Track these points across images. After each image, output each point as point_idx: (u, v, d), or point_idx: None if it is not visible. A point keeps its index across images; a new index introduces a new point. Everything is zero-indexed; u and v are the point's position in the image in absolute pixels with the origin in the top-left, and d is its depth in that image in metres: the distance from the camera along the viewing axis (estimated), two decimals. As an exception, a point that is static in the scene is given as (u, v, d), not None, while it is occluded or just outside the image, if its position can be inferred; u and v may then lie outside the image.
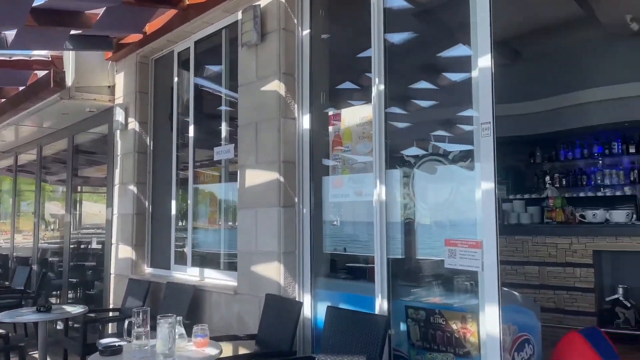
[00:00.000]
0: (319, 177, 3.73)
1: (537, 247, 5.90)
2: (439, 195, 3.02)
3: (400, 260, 3.20)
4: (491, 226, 2.56)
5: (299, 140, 3.72)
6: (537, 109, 6.24)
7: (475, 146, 2.67)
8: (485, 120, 2.63)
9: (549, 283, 5.79)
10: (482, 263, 2.59)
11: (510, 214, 6.25)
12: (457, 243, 2.69)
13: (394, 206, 3.13)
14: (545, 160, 9.02)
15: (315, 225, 3.70)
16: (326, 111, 3.76)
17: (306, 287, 3.64)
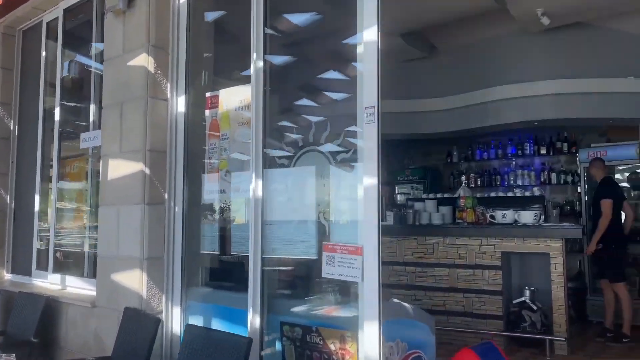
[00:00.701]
0: (198, 170, 3.20)
1: (448, 248, 5.68)
2: (321, 192, 2.59)
3: (278, 266, 2.74)
4: (372, 229, 2.14)
5: (171, 126, 3.16)
6: (453, 105, 6.03)
7: (358, 136, 2.26)
8: (370, 104, 2.22)
9: (458, 286, 5.58)
10: (362, 272, 2.18)
11: (422, 214, 5.99)
12: (336, 248, 2.27)
13: (274, 204, 2.66)
14: (462, 159, 8.98)
15: (191, 225, 3.16)
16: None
17: (175, 299, 3.09)
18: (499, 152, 8.54)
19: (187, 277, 3.12)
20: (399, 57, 6.20)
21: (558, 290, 5.14)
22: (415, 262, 5.85)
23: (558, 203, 8.01)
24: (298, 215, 2.64)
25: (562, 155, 8.05)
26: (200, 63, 3.23)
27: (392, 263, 5.96)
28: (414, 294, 5.81)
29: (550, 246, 5.17)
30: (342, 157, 2.44)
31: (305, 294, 2.71)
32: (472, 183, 8.71)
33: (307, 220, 2.62)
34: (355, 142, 2.29)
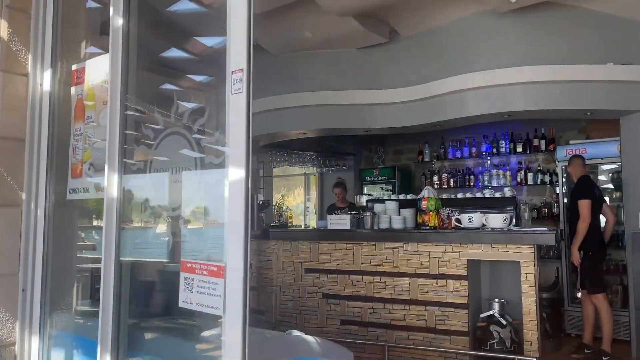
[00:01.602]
0: (68, 163, 2.55)
1: (409, 255, 5.08)
2: (189, 190, 1.96)
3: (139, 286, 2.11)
4: (238, 241, 1.52)
5: (33, 108, 2.51)
6: (414, 97, 5.43)
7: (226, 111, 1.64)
8: (237, 67, 1.60)
9: (420, 298, 4.98)
10: (224, 302, 1.55)
11: (381, 217, 5.38)
12: (196, 267, 1.64)
13: (133, 205, 2.03)
14: (434, 158, 8.42)
15: (60, 233, 2.51)
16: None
17: (34, 327, 2.44)
18: (473, 150, 7.98)
19: (51, 299, 2.47)
20: (356, 43, 5.59)
21: (529, 303, 4.55)
22: (373, 271, 5.24)
23: (535, 205, 7.47)
24: (158, 220, 2.01)
25: (539, 154, 7.52)
26: (74, 29, 2.58)
27: (349, 272, 5.36)
28: (372, 307, 5.21)
29: (520, 253, 4.58)
30: (206, 141, 1.82)
31: (165, 327, 2.08)
32: (444, 183, 8.15)
33: (171, 226, 2.00)
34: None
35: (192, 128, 1.85)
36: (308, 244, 5.62)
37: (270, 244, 5.87)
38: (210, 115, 1.84)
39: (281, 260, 5.77)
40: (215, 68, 1.76)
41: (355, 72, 5.74)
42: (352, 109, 5.70)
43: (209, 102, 2.00)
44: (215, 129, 1.78)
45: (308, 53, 5.86)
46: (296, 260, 5.68)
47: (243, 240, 1.50)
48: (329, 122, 5.86)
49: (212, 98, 1.98)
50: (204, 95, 2.18)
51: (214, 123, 1.81)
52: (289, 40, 5.57)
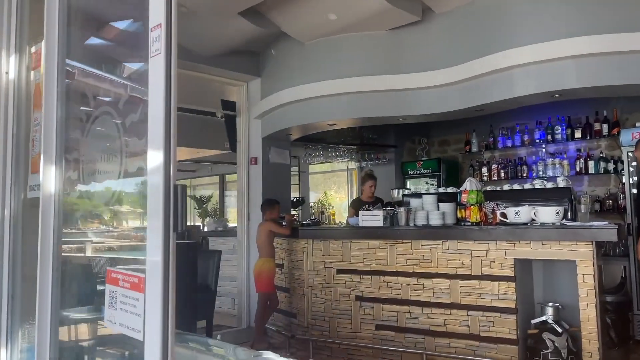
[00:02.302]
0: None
1: (448, 254, 4.59)
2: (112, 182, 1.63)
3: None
4: (156, 244, 1.17)
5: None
6: (452, 79, 4.90)
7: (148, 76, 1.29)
8: (155, 22, 1.25)
9: (461, 301, 4.49)
10: (144, 323, 1.21)
11: (418, 213, 4.91)
12: (119, 278, 1.31)
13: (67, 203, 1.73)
14: (483, 149, 7.81)
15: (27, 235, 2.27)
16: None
17: (1, 338, 2.20)
18: (525, 138, 7.30)
19: (20, 308, 2.22)
20: (386, 23, 5.13)
21: (588, 308, 3.97)
22: (409, 272, 4.79)
23: (598, 197, 6.72)
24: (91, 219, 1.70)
25: (601, 139, 6.75)
26: (41, 6, 2.32)
27: (383, 273, 4.94)
28: (409, 311, 4.77)
29: (576, 251, 4.00)
30: (132, 117, 1.48)
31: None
32: (494, 175, 7.52)
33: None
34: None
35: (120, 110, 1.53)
36: (339, 242, 5.23)
37: (301, 243, 5.54)
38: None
39: (312, 260, 5.43)
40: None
41: (386, 55, 5.28)
42: (383, 95, 5.25)
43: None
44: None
45: (335, 38, 5.46)
46: (327, 260, 5.31)
47: (162, 248, 1.15)
48: (359, 111, 5.43)
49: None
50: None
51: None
52: (313, 25, 5.19)
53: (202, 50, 5.71)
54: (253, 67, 6.43)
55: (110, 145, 1.55)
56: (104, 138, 1.62)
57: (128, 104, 1.48)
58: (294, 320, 5.60)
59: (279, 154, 6.58)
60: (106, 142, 1.60)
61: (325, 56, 5.56)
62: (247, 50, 6.18)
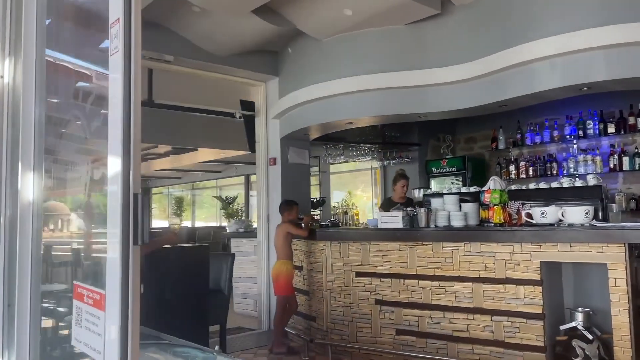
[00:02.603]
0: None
1: (471, 257, 4.40)
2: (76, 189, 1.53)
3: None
4: (115, 257, 1.08)
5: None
6: (473, 74, 4.69)
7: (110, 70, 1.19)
8: (114, 17, 1.15)
9: (485, 306, 4.30)
10: (104, 345, 1.11)
11: (439, 214, 4.73)
12: (84, 295, 1.22)
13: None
14: (510, 145, 7.54)
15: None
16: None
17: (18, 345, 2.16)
18: (555, 134, 7.00)
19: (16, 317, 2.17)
20: (404, 18, 4.96)
21: (620, 314, 3.72)
22: (430, 275, 4.62)
23: (633, 195, 6.39)
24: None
25: (636, 134, 6.41)
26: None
27: (403, 276, 4.78)
28: (431, 315, 4.60)
29: (607, 254, 3.76)
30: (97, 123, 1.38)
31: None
32: (522, 173, 7.24)
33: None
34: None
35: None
36: (358, 244, 5.10)
37: (319, 244, 5.43)
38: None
39: (330, 263, 5.30)
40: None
41: (405, 50, 5.10)
42: (402, 92, 5.08)
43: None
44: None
45: (352, 34, 5.31)
46: (346, 263, 5.18)
47: (120, 262, 1.05)
48: (378, 108, 5.28)
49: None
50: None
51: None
52: (329, 21, 5.06)
53: (218, 51, 5.66)
54: (271, 67, 6.34)
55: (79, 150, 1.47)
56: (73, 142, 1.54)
57: (94, 107, 1.40)
58: (314, 324, 5.49)
59: (298, 154, 6.48)
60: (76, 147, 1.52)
61: (342, 53, 5.43)
62: (264, 50, 6.10)
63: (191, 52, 5.54)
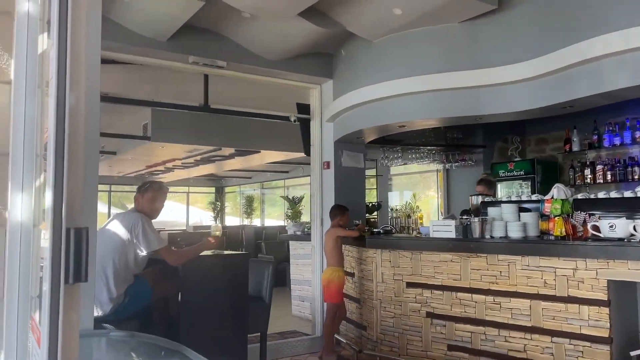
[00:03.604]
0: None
1: (529, 272, 4.07)
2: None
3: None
4: (45, 299, 1.02)
5: (16, 118, 2.29)
6: (532, 73, 4.31)
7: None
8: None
9: (544, 325, 3.95)
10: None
11: (495, 224, 4.42)
12: (34, 328, 1.18)
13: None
14: (586, 147, 6.95)
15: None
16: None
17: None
18: (637, 135, 6.35)
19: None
20: (458, 15, 4.67)
21: (703, 345, 3.27)
22: (484, 289, 4.32)
23: None
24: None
25: None
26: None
27: (456, 289, 4.52)
28: (485, 332, 4.30)
29: (687, 275, 3.32)
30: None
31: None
32: (599, 178, 6.64)
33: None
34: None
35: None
36: (409, 254, 4.88)
37: (370, 252, 5.26)
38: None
39: (380, 272, 5.12)
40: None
41: (460, 49, 4.79)
42: (457, 93, 4.78)
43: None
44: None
45: (403, 34, 5.08)
46: (396, 272, 4.98)
47: (49, 300, 0.99)
48: (432, 111, 5.01)
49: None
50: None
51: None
52: (378, 21, 4.87)
53: (270, 55, 5.64)
54: (326, 69, 6.24)
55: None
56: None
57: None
58: (364, 333, 5.34)
59: (352, 157, 6.34)
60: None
61: (394, 54, 5.22)
62: (318, 52, 6.01)
63: (243, 56, 5.56)
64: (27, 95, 1.73)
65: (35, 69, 1.75)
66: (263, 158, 11.78)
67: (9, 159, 2.28)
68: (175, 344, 2.54)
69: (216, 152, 10.18)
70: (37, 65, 1.76)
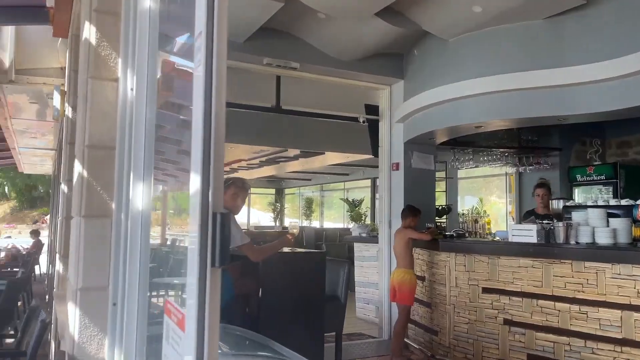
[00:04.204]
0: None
1: (620, 281, 3.83)
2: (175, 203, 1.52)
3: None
4: (192, 282, 1.04)
5: (122, 114, 2.39)
6: (628, 69, 4.06)
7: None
8: (198, 30, 1.11)
9: (637, 338, 3.71)
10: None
11: (581, 229, 4.20)
12: (172, 311, 1.21)
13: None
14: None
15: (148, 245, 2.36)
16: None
17: (124, 344, 2.31)
18: None
19: (142, 315, 2.30)
20: (542, 11, 4.49)
21: None
22: (569, 298, 4.12)
23: None
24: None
25: None
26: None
27: (537, 296, 4.33)
28: (569, 343, 4.10)
29: None
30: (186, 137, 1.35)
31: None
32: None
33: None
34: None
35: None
36: (485, 258, 4.73)
37: (442, 255, 5.14)
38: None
39: (454, 276, 4.99)
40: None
41: (543, 47, 4.60)
42: (540, 93, 4.58)
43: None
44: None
45: (481, 32, 4.94)
46: (472, 277, 4.84)
47: (197, 287, 1.01)
48: (511, 111, 4.84)
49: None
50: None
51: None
52: (457, 20, 4.76)
53: (343, 56, 5.64)
54: (396, 69, 6.17)
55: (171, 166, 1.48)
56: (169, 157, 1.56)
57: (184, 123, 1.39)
58: (435, 338, 5.22)
59: (422, 158, 6.23)
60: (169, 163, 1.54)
61: (471, 53, 5.08)
62: (389, 52, 5.96)
63: (317, 58, 5.59)
64: (148, 98, 1.78)
65: (156, 72, 1.80)
66: (325, 160, 11.83)
67: (116, 153, 2.38)
68: (263, 337, 2.57)
69: (281, 154, 10.32)
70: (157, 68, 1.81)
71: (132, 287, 2.25)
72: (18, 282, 6.06)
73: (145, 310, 1.87)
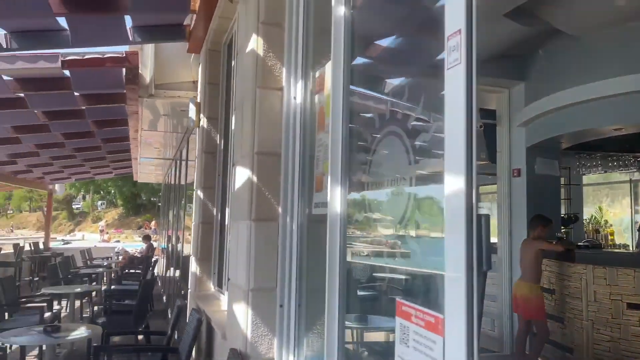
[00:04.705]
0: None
1: None
2: (394, 204, 1.49)
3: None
4: (459, 281, 1.02)
5: (287, 121, 2.48)
6: None
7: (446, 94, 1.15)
8: (454, 28, 1.11)
9: None
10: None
11: None
12: (411, 313, 1.20)
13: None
14: None
15: (311, 248, 2.42)
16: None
17: (290, 345, 2.37)
18: None
19: (305, 317, 2.36)
20: (620, 15, 4.12)
21: None
22: None
23: None
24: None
25: None
26: (322, 35, 2.46)
27: (635, 306, 3.95)
28: None
29: None
30: (422, 137, 1.33)
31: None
32: None
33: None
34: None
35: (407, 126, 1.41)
36: (631, 271, 4.36)
37: (577, 267, 4.82)
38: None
39: (592, 290, 4.66)
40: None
41: (628, 53, 4.21)
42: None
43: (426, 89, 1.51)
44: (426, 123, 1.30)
45: (622, 28, 4.60)
46: (614, 291, 4.48)
47: (465, 289, 0.99)
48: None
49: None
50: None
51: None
52: (594, 16, 4.47)
53: (461, 59, 5.50)
54: (516, 72, 5.92)
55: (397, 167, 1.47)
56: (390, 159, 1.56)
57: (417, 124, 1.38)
58: (569, 356, 4.89)
59: (546, 164, 5.90)
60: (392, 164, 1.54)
61: (608, 50, 4.75)
62: (509, 54, 5.72)
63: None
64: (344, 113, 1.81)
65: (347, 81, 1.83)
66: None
67: (281, 159, 2.46)
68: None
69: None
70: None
71: (301, 288, 2.31)
72: (149, 282, 6.51)
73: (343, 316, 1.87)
